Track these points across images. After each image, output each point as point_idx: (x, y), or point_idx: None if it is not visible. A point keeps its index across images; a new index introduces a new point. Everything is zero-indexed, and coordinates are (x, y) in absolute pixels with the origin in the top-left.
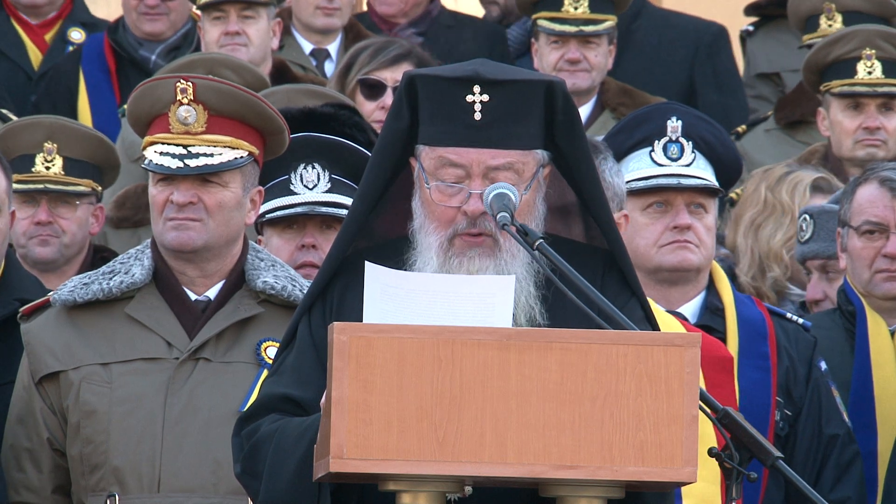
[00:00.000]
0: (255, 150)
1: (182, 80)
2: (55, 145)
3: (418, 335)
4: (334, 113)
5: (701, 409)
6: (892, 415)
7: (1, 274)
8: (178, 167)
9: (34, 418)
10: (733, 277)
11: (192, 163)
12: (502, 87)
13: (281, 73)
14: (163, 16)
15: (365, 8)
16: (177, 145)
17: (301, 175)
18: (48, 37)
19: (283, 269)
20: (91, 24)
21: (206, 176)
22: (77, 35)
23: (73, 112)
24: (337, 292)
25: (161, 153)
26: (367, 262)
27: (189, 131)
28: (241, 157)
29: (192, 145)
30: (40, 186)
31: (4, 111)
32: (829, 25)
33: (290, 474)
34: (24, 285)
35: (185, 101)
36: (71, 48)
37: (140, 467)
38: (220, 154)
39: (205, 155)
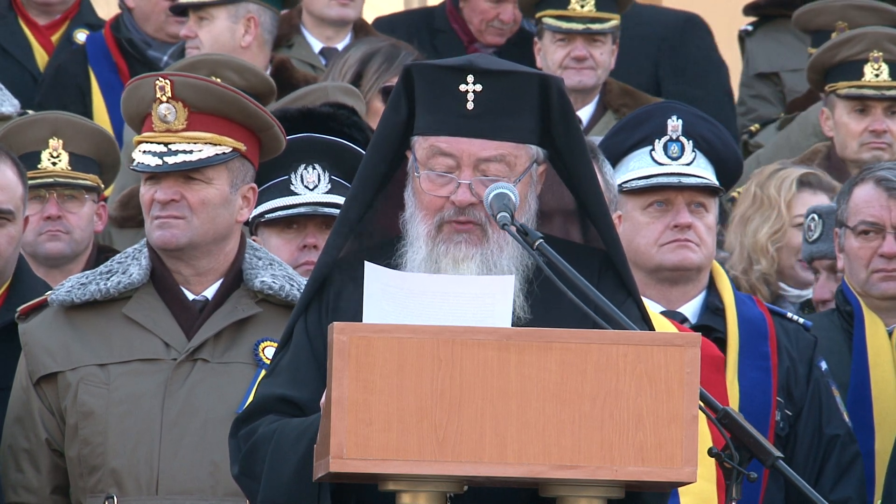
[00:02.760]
0: (242, 147)
1: (160, 78)
2: (61, 141)
3: (418, 335)
4: (333, 112)
5: (701, 409)
6: (889, 415)
7: (12, 280)
8: (157, 165)
9: (32, 419)
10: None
11: (171, 160)
12: (496, 77)
13: (279, 72)
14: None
15: (369, 16)
16: (158, 143)
17: (301, 175)
18: (55, 38)
19: (281, 269)
20: (97, 26)
21: (189, 173)
22: (82, 37)
23: (87, 113)
24: (333, 292)
25: (144, 152)
26: (366, 263)
27: (170, 129)
28: (224, 153)
29: (173, 143)
30: (50, 180)
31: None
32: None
33: (290, 474)
34: (33, 290)
35: (164, 98)
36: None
37: (138, 469)
38: (200, 151)
39: (184, 152)
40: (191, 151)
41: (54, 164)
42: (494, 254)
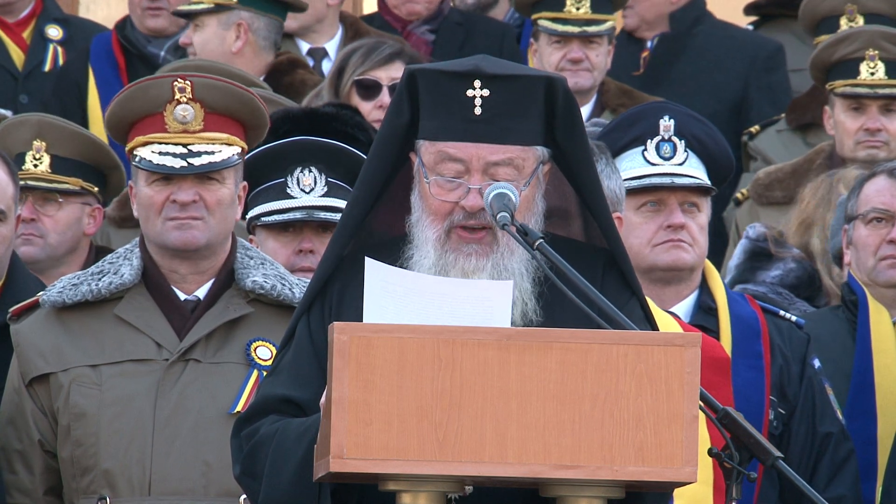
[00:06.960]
0: (246, 147)
1: (180, 80)
2: (44, 143)
3: (418, 335)
4: (336, 113)
5: (701, 409)
6: (892, 402)
7: (5, 280)
8: (181, 166)
9: (25, 420)
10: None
11: (196, 161)
12: (503, 81)
13: (288, 69)
14: (163, 10)
15: (368, 10)
16: (176, 144)
17: (298, 178)
18: (26, 35)
19: (272, 268)
20: (64, 20)
21: (208, 174)
22: (55, 32)
23: (83, 109)
24: (336, 292)
25: (161, 153)
26: (367, 259)
27: (187, 130)
28: (237, 153)
29: (192, 144)
30: (21, 184)
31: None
32: (850, 28)
33: (291, 475)
34: (28, 290)
35: (184, 99)
36: (51, 45)
37: (130, 470)
38: (220, 151)
39: (207, 153)
40: (212, 153)
41: (36, 165)
42: (505, 258)
